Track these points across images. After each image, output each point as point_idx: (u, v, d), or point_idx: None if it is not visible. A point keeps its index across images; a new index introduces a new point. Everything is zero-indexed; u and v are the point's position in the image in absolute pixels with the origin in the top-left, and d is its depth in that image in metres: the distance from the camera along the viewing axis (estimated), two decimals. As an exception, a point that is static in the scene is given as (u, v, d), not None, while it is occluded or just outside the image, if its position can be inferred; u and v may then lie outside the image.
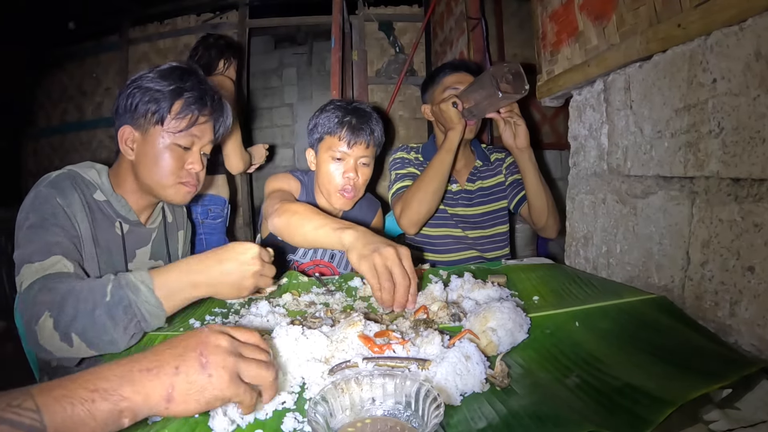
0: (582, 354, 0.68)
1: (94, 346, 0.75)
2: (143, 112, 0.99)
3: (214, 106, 1.06)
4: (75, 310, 0.75)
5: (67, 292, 0.77)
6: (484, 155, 1.69)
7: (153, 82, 1.00)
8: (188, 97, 1.01)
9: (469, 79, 1.51)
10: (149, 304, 0.77)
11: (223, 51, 2.04)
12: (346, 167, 1.31)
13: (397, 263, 0.80)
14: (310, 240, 1.03)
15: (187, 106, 1.01)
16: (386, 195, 3.44)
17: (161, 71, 1.02)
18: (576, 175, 1.22)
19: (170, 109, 1.00)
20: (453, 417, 0.56)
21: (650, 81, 0.90)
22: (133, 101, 0.99)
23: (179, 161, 1.03)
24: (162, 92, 0.99)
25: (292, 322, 0.82)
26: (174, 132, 1.00)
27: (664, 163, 0.87)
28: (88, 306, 0.75)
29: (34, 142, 3.99)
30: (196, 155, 1.05)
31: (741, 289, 0.71)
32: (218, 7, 3.51)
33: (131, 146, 1.02)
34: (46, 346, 0.76)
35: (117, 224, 1.05)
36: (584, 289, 0.95)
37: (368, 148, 1.32)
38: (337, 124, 1.30)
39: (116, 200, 1.05)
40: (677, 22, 0.78)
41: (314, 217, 1.03)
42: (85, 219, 0.96)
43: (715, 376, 0.57)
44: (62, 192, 0.94)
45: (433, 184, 1.41)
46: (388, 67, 3.35)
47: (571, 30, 1.15)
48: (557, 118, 2.71)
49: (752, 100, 0.67)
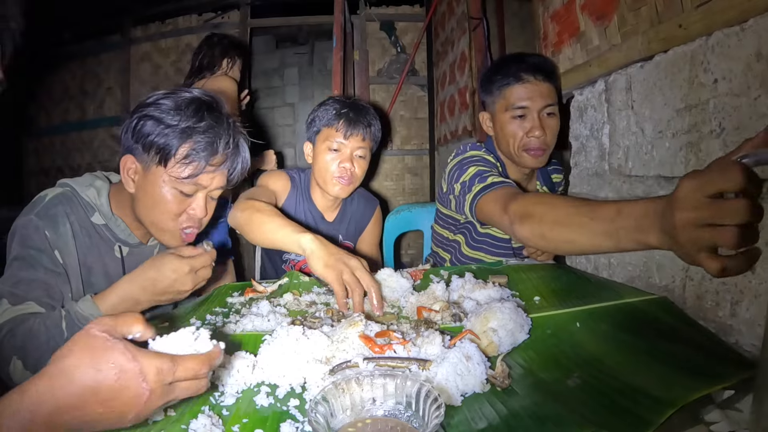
0: (583, 354, 0.68)
1: None
2: (149, 146, 0.90)
3: (227, 153, 0.95)
4: (38, 351, 0.80)
5: (26, 335, 0.81)
6: (548, 178, 1.45)
7: (167, 114, 0.90)
8: (198, 142, 0.91)
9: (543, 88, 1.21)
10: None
11: (227, 50, 2.01)
12: (342, 158, 1.33)
13: (364, 271, 0.88)
14: (269, 239, 1.04)
15: (194, 152, 0.91)
16: (385, 193, 3.43)
17: (178, 102, 0.92)
18: (577, 175, 1.22)
19: (176, 151, 0.90)
20: (454, 417, 0.56)
21: (651, 81, 0.90)
22: (142, 130, 0.91)
23: (180, 206, 0.94)
24: (172, 129, 0.90)
25: (292, 322, 0.82)
26: (176, 177, 0.91)
27: (666, 163, 0.87)
28: (50, 345, 0.80)
29: (35, 141, 3.99)
30: (200, 201, 0.96)
31: (742, 289, 0.71)
32: (220, 7, 3.50)
33: (132, 177, 0.95)
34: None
35: (116, 248, 1.01)
36: (585, 290, 0.95)
37: (364, 140, 1.34)
38: (334, 115, 1.33)
39: (115, 224, 1.00)
40: (678, 22, 0.78)
41: (276, 218, 1.05)
42: (74, 248, 0.93)
43: (717, 377, 0.57)
44: (53, 223, 0.91)
45: (570, 243, 0.81)
46: (390, 67, 3.34)
47: (573, 30, 1.14)
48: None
49: (753, 100, 0.67)
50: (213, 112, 0.95)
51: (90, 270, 0.96)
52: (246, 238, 1.13)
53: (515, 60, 1.25)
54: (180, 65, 3.39)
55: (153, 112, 0.91)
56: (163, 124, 0.90)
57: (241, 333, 0.82)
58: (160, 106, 0.91)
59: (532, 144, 1.21)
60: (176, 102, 0.92)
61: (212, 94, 1.00)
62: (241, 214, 1.12)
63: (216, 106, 0.97)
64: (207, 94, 0.98)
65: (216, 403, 0.61)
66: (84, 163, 3.70)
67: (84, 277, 0.95)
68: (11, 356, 0.80)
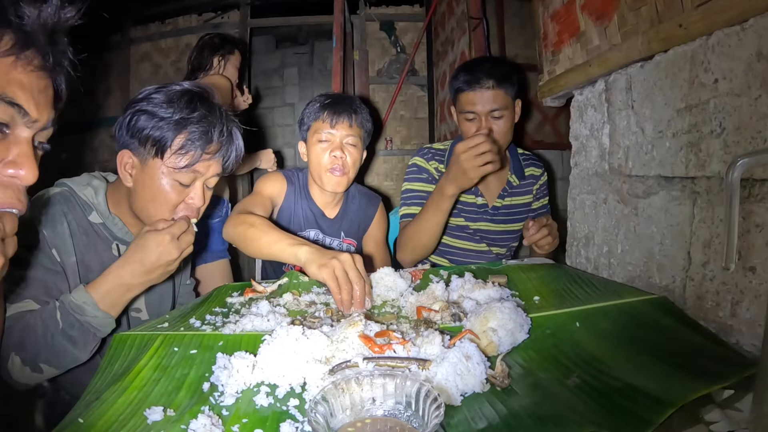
0: (583, 354, 0.68)
1: (62, 368, 0.86)
2: (144, 139, 0.93)
3: (221, 141, 0.98)
4: (35, 345, 0.82)
5: (23, 330, 0.83)
6: (520, 169, 1.53)
7: (160, 107, 0.93)
8: (192, 132, 0.93)
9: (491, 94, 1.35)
10: (97, 318, 0.86)
11: (217, 48, 1.98)
12: (332, 147, 1.34)
13: (352, 267, 0.89)
14: (265, 253, 1.08)
15: (190, 142, 0.93)
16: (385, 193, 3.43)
17: (170, 94, 0.95)
18: (577, 175, 1.22)
19: (172, 143, 0.93)
20: (453, 417, 0.56)
21: (652, 81, 0.90)
22: (136, 125, 0.93)
23: (179, 196, 0.96)
24: (167, 121, 0.92)
25: (292, 322, 0.82)
26: (174, 168, 0.94)
27: (666, 163, 0.87)
28: (46, 338, 0.83)
29: (36, 141, 3.99)
30: (198, 190, 0.98)
31: (742, 289, 0.71)
32: (220, 7, 3.51)
33: (130, 172, 0.96)
34: (21, 380, 0.84)
35: (114, 246, 1.01)
36: (585, 290, 0.94)
37: (352, 127, 1.35)
38: (319, 108, 1.36)
39: (112, 223, 1.00)
40: (679, 22, 0.78)
41: (270, 231, 1.08)
42: (72, 247, 0.93)
43: (717, 377, 0.57)
44: (51, 222, 0.92)
45: (429, 234, 1.36)
46: (390, 67, 3.35)
47: (573, 30, 1.14)
48: (558, 118, 2.71)
49: (754, 100, 0.67)
50: (205, 102, 0.98)
51: (88, 268, 0.97)
52: (243, 252, 1.16)
53: (468, 68, 1.41)
54: (180, 65, 3.39)
55: (146, 107, 0.93)
56: (157, 117, 0.92)
57: (240, 333, 0.82)
58: (153, 100, 0.94)
59: None
60: (168, 95, 0.95)
61: (203, 85, 1.04)
62: (234, 230, 1.15)
63: (207, 96, 1.00)
64: (198, 86, 1.01)
65: (216, 403, 0.61)
66: (83, 164, 3.70)
67: (82, 275, 0.95)
68: (9, 353, 0.81)
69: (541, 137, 2.72)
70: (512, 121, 1.41)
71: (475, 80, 1.36)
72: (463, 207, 1.50)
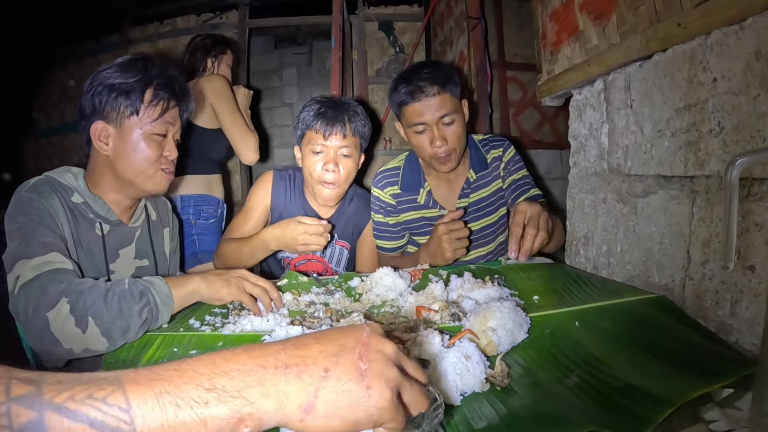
0: (582, 354, 0.68)
1: (106, 332, 0.79)
2: (115, 107, 0.99)
3: (181, 91, 1.08)
4: (95, 296, 0.80)
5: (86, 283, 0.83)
6: (480, 160, 1.43)
7: (117, 78, 1.00)
8: (157, 85, 1.02)
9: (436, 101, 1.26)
10: (162, 292, 0.87)
11: (209, 49, 1.99)
12: (325, 159, 1.30)
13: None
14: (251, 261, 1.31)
15: (159, 93, 1.02)
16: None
17: (121, 65, 1.02)
18: (576, 174, 1.22)
19: (142, 99, 1.00)
20: (453, 417, 0.56)
21: (650, 80, 0.90)
22: (101, 99, 0.99)
23: (158, 150, 1.04)
24: (130, 84, 1.00)
25: (292, 322, 0.82)
26: (150, 122, 1.02)
27: (665, 162, 0.87)
28: (109, 294, 0.81)
29: (34, 142, 3.98)
30: (171, 142, 1.07)
31: (742, 288, 0.71)
32: (218, 7, 3.50)
33: (105, 141, 1.01)
34: (56, 334, 0.77)
35: (97, 225, 1.03)
36: (584, 289, 0.95)
37: (346, 137, 1.30)
38: (313, 117, 1.31)
39: (94, 201, 1.03)
40: (677, 21, 0.78)
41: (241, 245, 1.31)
42: (66, 222, 0.96)
43: (716, 376, 0.57)
44: (43, 195, 0.94)
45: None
46: (388, 67, 3.34)
47: (572, 29, 1.14)
48: (557, 118, 2.71)
49: (752, 99, 0.67)
50: (154, 62, 1.06)
51: (77, 243, 0.98)
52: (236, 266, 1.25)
53: (407, 78, 1.31)
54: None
55: (106, 80, 1.00)
56: (121, 81, 1.00)
57: (240, 333, 0.82)
58: (110, 73, 1.01)
59: (439, 153, 1.30)
60: (121, 65, 1.02)
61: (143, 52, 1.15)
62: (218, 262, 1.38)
63: (153, 58, 1.08)
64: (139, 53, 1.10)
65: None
66: (82, 165, 3.70)
67: (70, 250, 0.95)
68: (59, 298, 0.78)
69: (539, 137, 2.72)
70: (464, 123, 1.34)
71: (418, 90, 1.27)
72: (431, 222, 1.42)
